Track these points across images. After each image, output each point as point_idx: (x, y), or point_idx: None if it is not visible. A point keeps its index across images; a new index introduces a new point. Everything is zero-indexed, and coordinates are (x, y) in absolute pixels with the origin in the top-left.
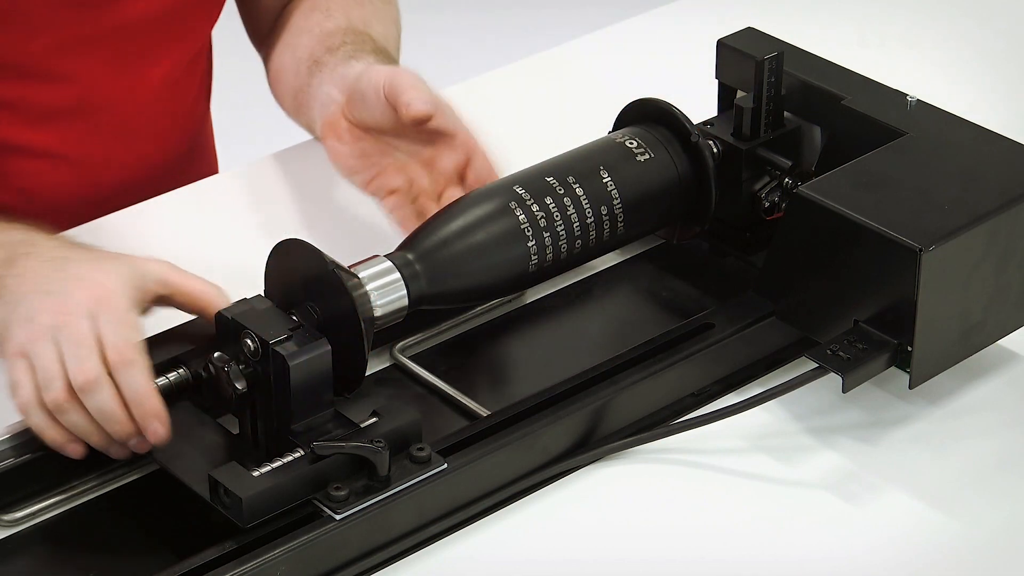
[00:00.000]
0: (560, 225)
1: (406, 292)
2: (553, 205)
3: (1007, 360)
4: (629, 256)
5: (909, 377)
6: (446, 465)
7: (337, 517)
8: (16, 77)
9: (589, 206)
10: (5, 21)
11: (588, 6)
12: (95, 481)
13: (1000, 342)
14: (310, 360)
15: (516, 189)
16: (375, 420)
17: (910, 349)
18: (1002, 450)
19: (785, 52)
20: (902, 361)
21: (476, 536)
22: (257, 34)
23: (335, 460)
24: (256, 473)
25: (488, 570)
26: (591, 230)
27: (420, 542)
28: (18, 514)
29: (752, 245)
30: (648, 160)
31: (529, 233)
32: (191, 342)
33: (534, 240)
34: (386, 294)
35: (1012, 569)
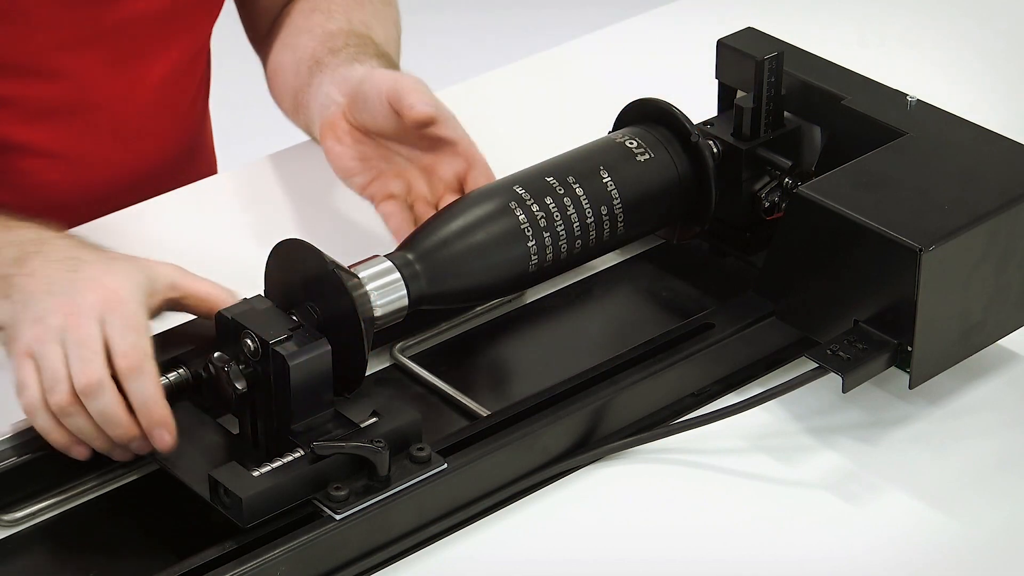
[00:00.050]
0: (560, 225)
1: (406, 292)
2: (553, 205)
3: (1007, 360)
4: (629, 256)
5: (909, 377)
6: (446, 465)
7: (337, 517)
8: (14, 75)
9: (589, 206)
10: (3, 19)
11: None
12: (95, 481)
13: (1000, 342)
14: (310, 360)
15: (516, 189)
16: (375, 420)
17: (910, 349)
18: (1002, 450)
19: (785, 52)
20: (902, 361)
21: (476, 536)
22: (256, 35)
23: (335, 460)
24: (256, 473)
25: (488, 570)
26: (591, 230)
27: (420, 542)
28: (18, 514)
29: (752, 245)
30: (648, 160)
31: (529, 233)
32: (191, 342)
33: (534, 240)
34: (386, 294)
35: (1012, 569)
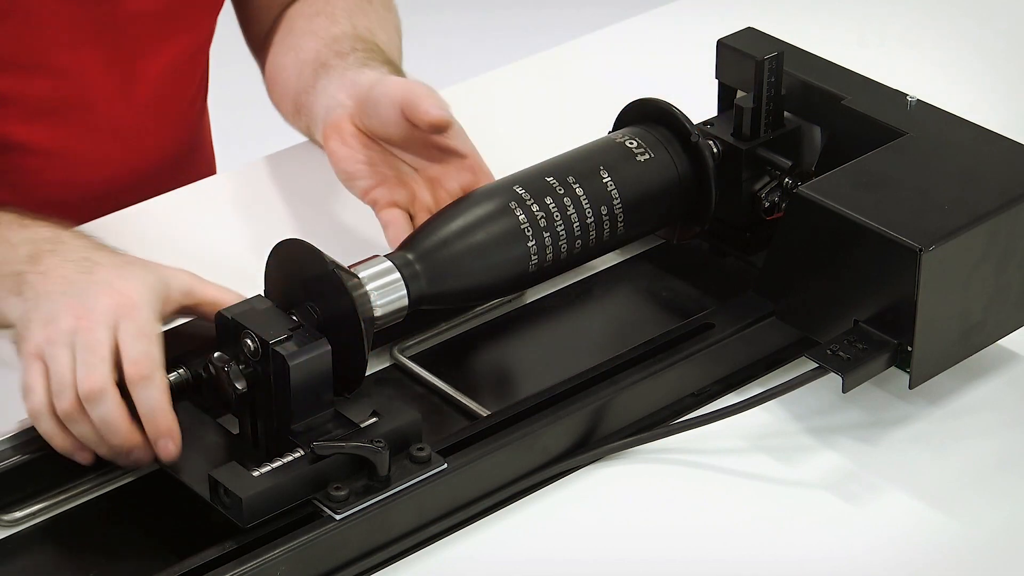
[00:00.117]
0: (560, 225)
1: (406, 292)
2: (553, 205)
3: (1007, 360)
4: (629, 256)
5: (909, 377)
6: (446, 465)
7: (337, 517)
8: (13, 72)
9: (589, 206)
10: (3, 16)
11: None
12: (95, 481)
13: (1000, 342)
14: (310, 360)
15: (516, 189)
16: (375, 420)
17: (910, 349)
18: (1002, 450)
19: (785, 52)
20: (902, 361)
21: (476, 536)
22: (254, 38)
23: (335, 460)
24: (256, 473)
25: (488, 570)
26: (591, 230)
27: (420, 542)
28: (18, 514)
29: (752, 245)
30: (648, 160)
31: (529, 233)
32: (191, 342)
33: (534, 240)
34: (386, 294)
35: (1012, 569)
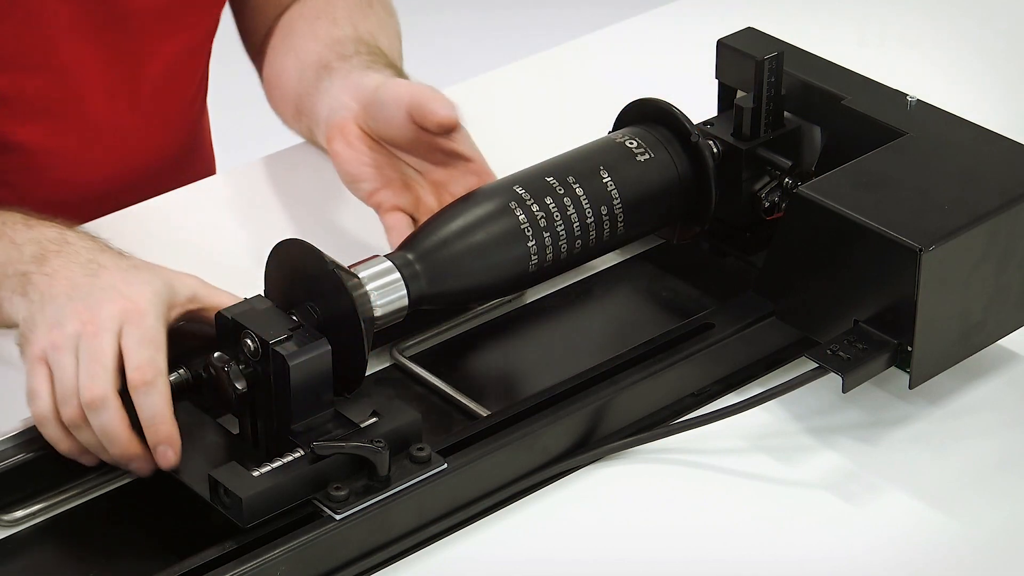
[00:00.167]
0: (560, 225)
1: (406, 292)
2: (553, 205)
3: (1007, 360)
4: (629, 256)
5: (909, 377)
6: (446, 465)
7: (337, 517)
8: (11, 70)
9: (589, 206)
10: (3, 13)
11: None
12: (95, 481)
13: (1000, 342)
14: (310, 360)
15: (516, 189)
16: (375, 420)
17: (910, 349)
18: (1002, 450)
19: (785, 52)
20: (902, 361)
21: (476, 536)
22: (251, 42)
23: (335, 460)
24: (256, 473)
25: (488, 570)
26: (591, 230)
27: (420, 542)
28: (18, 514)
29: (752, 245)
30: (648, 160)
31: (529, 233)
32: (191, 342)
33: (534, 240)
34: (386, 294)
35: (1012, 569)
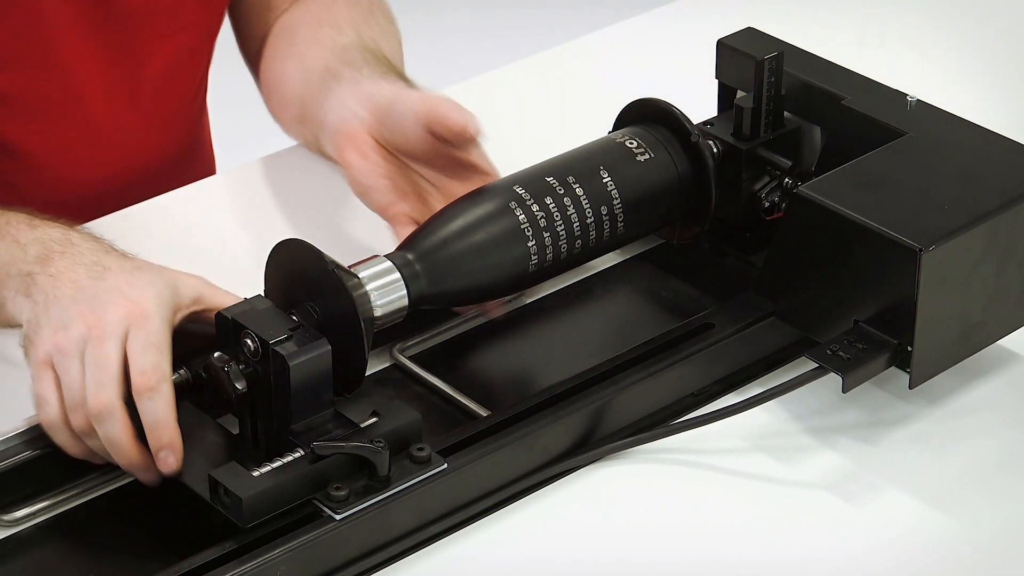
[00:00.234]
0: (560, 225)
1: (406, 292)
2: (553, 205)
3: (1007, 360)
4: (629, 256)
5: (909, 377)
6: (446, 465)
7: (337, 517)
8: (11, 69)
9: (589, 206)
10: (3, 11)
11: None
12: (96, 481)
13: (1000, 342)
14: (310, 360)
15: (516, 189)
16: (375, 420)
17: (910, 349)
18: (1002, 450)
19: (785, 52)
20: (902, 361)
21: (476, 536)
22: (248, 46)
23: (335, 460)
24: (256, 473)
25: (488, 570)
26: (591, 230)
27: (420, 542)
28: (18, 514)
29: (752, 245)
30: (648, 160)
31: (529, 233)
32: (194, 342)
33: (534, 240)
34: (386, 294)
35: (1012, 569)
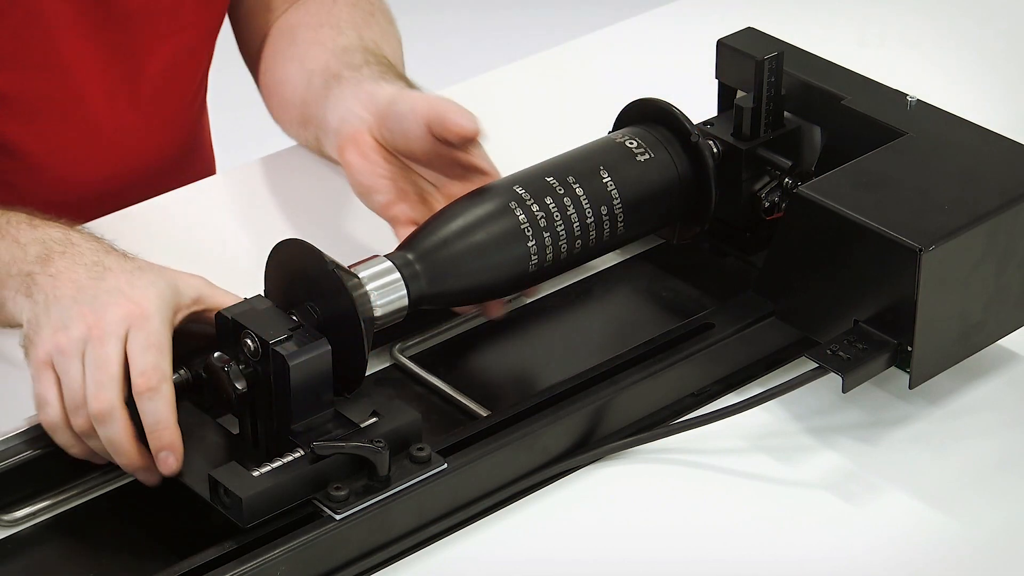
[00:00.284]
0: (560, 225)
1: (406, 292)
2: (553, 205)
3: (1007, 360)
4: (629, 256)
5: (909, 377)
6: (446, 465)
7: (337, 517)
8: (11, 69)
9: (589, 206)
10: (3, 10)
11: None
12: (96, 481)
13: (1000, 342)
14: (310, 360)
15: (516, 189)
16: (375, 420)
17: (910, 349)
18: (1002, 450)
19: (785, 52)
20: (902, 361)
21: (476, 536)
22: (248, 47)
23: (335, 460)
24: (256, 473)
25: (488, 570)
26: (591, 230)
27: (420, 542)
28: (18, 514)
29: (752, 245)
30: (648, 160)
31: (529, 233)
32: (195, 342)
33: (534, 240)
34: (386, 294)
35: (1012, 569)
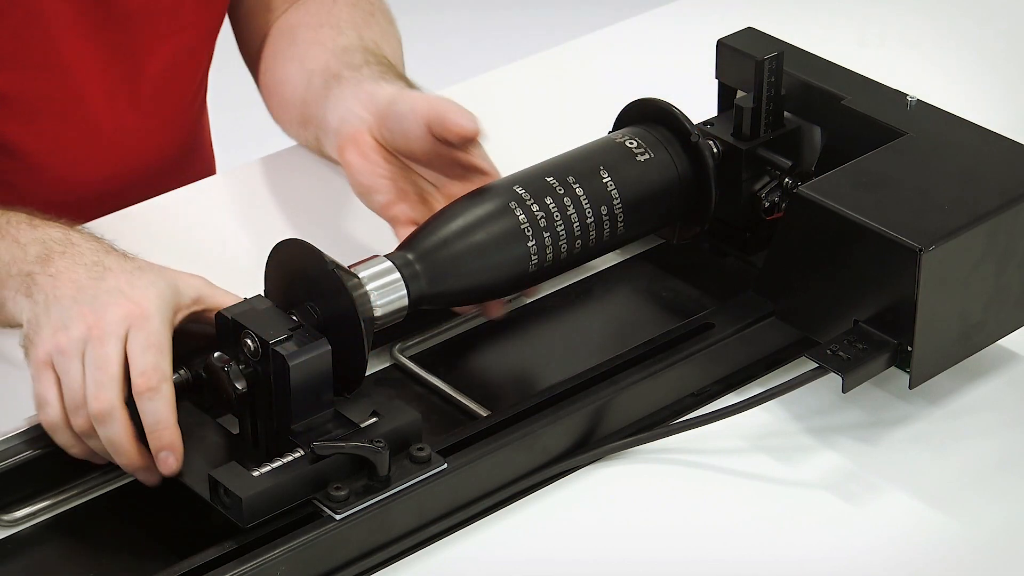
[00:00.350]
0: (560, 225)
1: (406, 292)
2: (553, 205)
3: (1007, 360)
4: (629, 256)
5: (909, 377)
6: (446, 465)
7: (337, 517)
8: (11, 69)
9: (589, 206)
10: (4, 9)
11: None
12: (96, 481)
13: (1000, 342)
14: (310, 360)
15: (516, 189)
16: (375, 420)
17: (910, 349)
18: (1002, 450)
19: (785, 52)
20: (902, 361)
21: (476, 536)
22: (248, 47)
23: (335, 460)
24: (256, 473)
25: (488, 570)
26: (591, 230)
27: (420, 542)
28: (18, 514)
29: (752, 245)
30: (648, 160)
31: (529, 233)
32: (195, 342)
33: (534, 240)
34: (386, 294)
35: (1012, 569)
